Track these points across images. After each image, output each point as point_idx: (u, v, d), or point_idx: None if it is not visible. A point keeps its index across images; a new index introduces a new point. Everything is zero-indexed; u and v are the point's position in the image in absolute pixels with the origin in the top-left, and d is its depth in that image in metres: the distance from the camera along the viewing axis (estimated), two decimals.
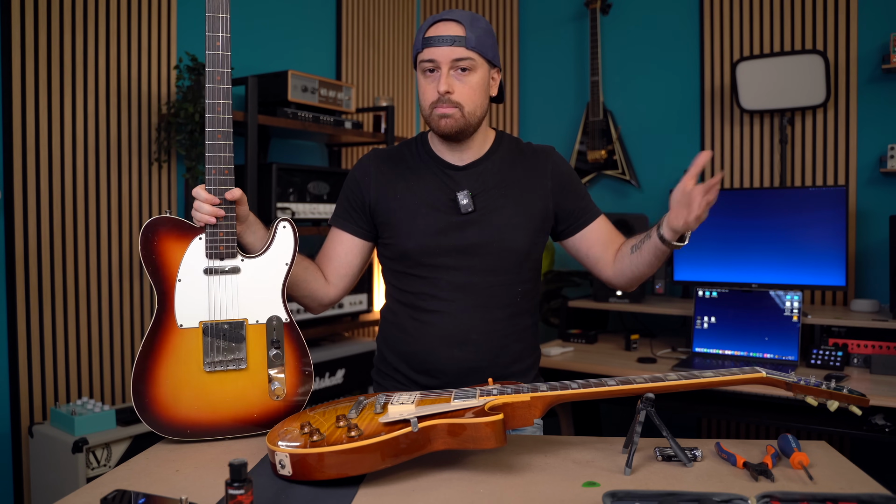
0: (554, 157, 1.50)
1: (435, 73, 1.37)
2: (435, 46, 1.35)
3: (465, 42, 1.35)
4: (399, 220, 1.43)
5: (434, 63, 1.36)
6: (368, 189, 1.46)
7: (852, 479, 1.06)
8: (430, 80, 1.38)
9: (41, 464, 2.13)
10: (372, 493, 1.01)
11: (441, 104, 1.36)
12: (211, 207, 1.24)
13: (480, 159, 1.46)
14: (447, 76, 1.35)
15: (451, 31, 1.35)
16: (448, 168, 1.45)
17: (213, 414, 1.25)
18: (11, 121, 2.17)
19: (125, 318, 2.50)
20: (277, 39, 3.05)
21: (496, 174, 1.45)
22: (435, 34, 1.36)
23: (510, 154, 1.49)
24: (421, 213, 1.41)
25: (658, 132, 3.28)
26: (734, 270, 2.74)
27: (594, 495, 1.00)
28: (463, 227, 1.40)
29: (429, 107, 1.38)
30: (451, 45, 1.34)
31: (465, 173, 1.44)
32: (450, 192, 1.42)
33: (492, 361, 1.40)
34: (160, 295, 1.24)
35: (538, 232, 1.46)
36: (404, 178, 1.46)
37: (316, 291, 1.46)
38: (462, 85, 1.37)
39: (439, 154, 1.46)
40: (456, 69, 1.36)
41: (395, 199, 1.44)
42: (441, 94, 1.35)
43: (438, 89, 1.35)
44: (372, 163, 1.49)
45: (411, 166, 1.47)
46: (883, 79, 2.76)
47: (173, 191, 2.63)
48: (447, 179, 1.44)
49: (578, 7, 3.46)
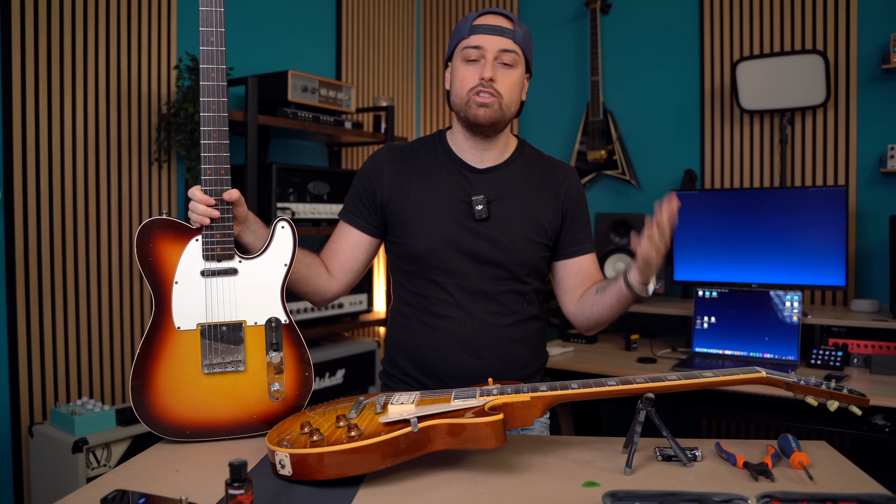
0: (571, 177, 1.49)
1: (479, 61, 1.36)
2: (485, 34, 1.35)
3: (514, 36, 1.36)
4: (411, 219, 1.41)
5: (480, 51, 1.35)
6: (381, 185, 1.44)
7: (852, 479, 1.06)
8: (472, 67, 1.36)
9: (41, 464, 2.13)
10: (372, 493, 1.01)
11: (483, 90, 1.35)
12: (205, 208, 1.22)
13: (500, 165, 1.44)
14: (493, 64, 1.35)
15: (502, 22, 1.36)
16: (466, 169, 1.43)
17: (212, 416, 1.25)
18: (11, 121, 2.17)
19: (125, 319, 2.50)
20: (277, 39, 3.05)
21: (513, 182, 1.43)
22: (486, 22, 1.36)
23: (530, 164, 1.47)
24: (434, 216, 1.39)
25: (658, 132, 3.28)
26: (734, 270, 2.74)
27: (594, 495, 1.00)
28: (476, 233, 1.39)
29: (467, 93, 1.36)
30: (501, 35, 1.35)
31: (483, 177, 1.42)
32: (465, 196, 1.40)
33: (501, 367, 1.39)
34: (157, 297, 1.23)
35: (546, 247, 1.45)
36: (419, 176, 1.43)
37: (318, 287, 1.45)
38: (505, 76, 1.36)
39: (459, 154, 1.44)
40: (500, 61, 1.36)
41: (409, 198, 1.41)
42: (485, 79, 1.34)
43: (483, 75, 1.34)
44: (385, 158, 1.46)
45: (427, 164, 1.45)
46: (883, 79, 2.76)
47: (173, 191, 2.63)
48: (464, 182, 1.42)
49: (578, 7, 3.46)
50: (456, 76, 1.39)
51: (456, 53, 1.40)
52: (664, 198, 1.23)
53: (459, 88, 1.38)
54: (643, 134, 3.32)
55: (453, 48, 1.41)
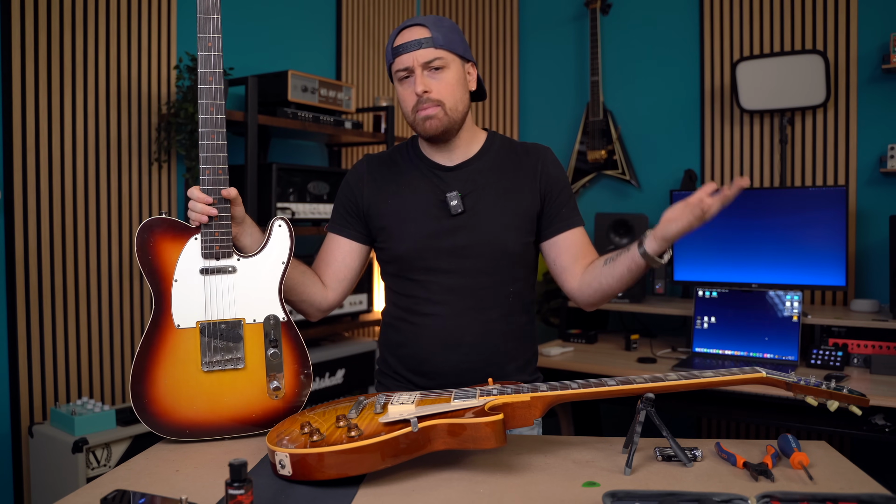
0: (546, 157, 1.48)
1: (410, 78, 1.38)
2: (404, 53, 1.37)
3: (433, 42, 1.36)
4: (391, 224, 1.44)
5: (408, 69, 1.37)
6: (362, 194, 1.48)
7: (852, 479, 1.06)
8: (406, 86, 1.39)
9: (41, 464, 2.13)
10: (372, 493, 1.01)
11: (422, 105, 1.37)
12: (204, 206, 1.25)
13: (471, 159, 1.46)
14: (422, 77, 1.36)
15: (417, 34, 1.37)
16: (438, 169, 1.45)
17: (212, 414, 1.25)
18: (11, 121, 2.17)
19: (125, 318, 2.50)
20: (277, 39, 3.05)
21: (487, 174, 1.45)
22: (402, 41, 1.38)
23: (501, 154, 1.48)
24: (411, 218, 1.42)
25: (658, 132, 3.28)
26: (734, 270, 2.74)
27: (594, 495, 1.00)
28: (453, 229, 1.40)
29: (411, 111, 1.39)
30: (418, 48, 1.36)
31: (455, 174, 1.44)
32: (440, 194, 1.42)
33: (487, 362, 1.41)
34: (157, 295, 1.24)
35: (528, 232, 1.45)
36: (396, 182, 1.47)
37: (314, 296, 1.46)
38: (438, 82, 1.37)
39: (429, 156, 1.47)
40: (429, 69, 1.37)
41: (387, 204, 1.45)
42: (420, 94, 1.36)
43: (416, 91, 1.36)
44: (365, 168, 1.51)
45: (402, 170, 1.48)
46: (883, 79, 2.76)
47: (173, 191, 2.63)
48: (437, 181, 1.44)
49: (578, 7, 3.46)
50: (400, 98, 1.43)
51: (393, 77, 1.44)
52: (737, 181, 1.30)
53: (405, 108, 1.42)
54: (643, 134, 3.32)
55: (389, 73, 1.45)
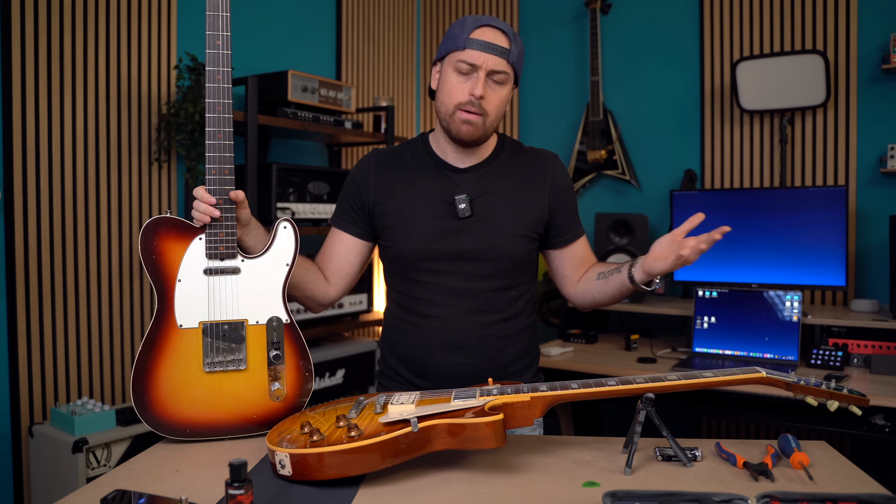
0: (555, 166, 1.49)
1: (471, 75, 1.35)
2: (482, 51, 1.34)
3: (509, 56, 1.35)
4: (396, 223, 1.42)
5: (474, 66, 1.34)
6: (368, 190, 1.46)
7: (852, 479, 1.06)
8: (463, 81, 1.36)
9: (41, 464, 2.13)
10: (372, 493, 1.01)
11: (470, 107, 1.35)
12: (207, 206, 1.24)
13: (482, 163, 1.45)
14: (484, 82, 1.34)
15: (500, 41, 1.35)
16: (448, 170, 1.44)
17: (213, 414, 1.25)
18: (11, 121, 2.17)
19: (125, 318, 2.50)
20: (277, 39, 3.05)
21: (496, 179, 1.44)
22: (483, 39, 1.34)
23: (512, 159, 1.48)
24: (417, 218, 1.41)
25: (658, 132, 3.28)
26: (734, 270, 2.74)
27: (594, 495, 1.00)
28: (459, 232, 1.40)
29: (454, 106, 1.36)
30: (498, 54, 1.34)
31: (466, 176, 1.43)
32: (448, 196, 1.41)
33: (488, 364, 1.41)
34: (160, 295, 1.24)
35: (533, 240, 1.46)
36: (403, 180, 1.45)
37: (316, 292, 1.46)
38: (494, 94, 1.36)
39: (441, 155, 1.46)
40: (492, 78, 1.35)
41: (393, 202, 1.43)
42: (475, 97, 1.34)
43: (474, 91, 1.33)
44: (371, 164, 1.48)
45: (411, 168, 1.46)
46: (883, 79, 2.76)
47: (173, 191, 2.63)
48: (447, 182, 1.43)
49: (578, 7, 3.46)
50: (445, 83, 1.39)
51: (448, 59, 1.38)
52: (721, 229, 1.31)
53: (447, 98, 1.37)
54: (643, 134, 3.31)
55: (445, 52, 1.39)
